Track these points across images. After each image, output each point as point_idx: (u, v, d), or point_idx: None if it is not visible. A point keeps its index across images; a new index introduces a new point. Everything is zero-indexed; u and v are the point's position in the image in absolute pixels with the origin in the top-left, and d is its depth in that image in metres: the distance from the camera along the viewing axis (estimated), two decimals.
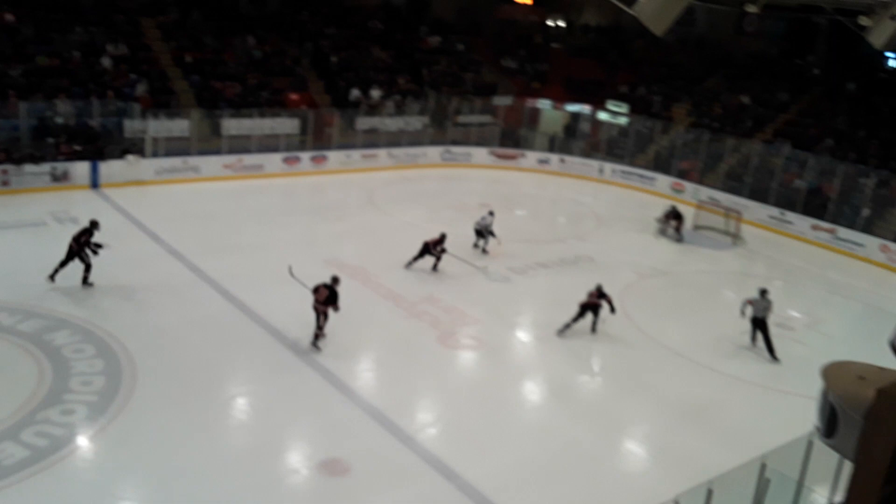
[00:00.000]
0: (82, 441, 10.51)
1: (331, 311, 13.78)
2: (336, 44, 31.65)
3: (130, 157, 22.44)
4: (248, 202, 22.55)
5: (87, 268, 15.41)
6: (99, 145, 22.51)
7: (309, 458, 10.71)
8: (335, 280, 13.91)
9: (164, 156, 23.78)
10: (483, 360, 14.47)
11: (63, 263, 15.29)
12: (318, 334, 13.82)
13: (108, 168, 22.30)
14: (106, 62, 24.94)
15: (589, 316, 15.46)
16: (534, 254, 20.11)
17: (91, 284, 15.42)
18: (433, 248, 18.25)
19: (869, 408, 2.02)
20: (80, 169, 21.96)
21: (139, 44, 26.77)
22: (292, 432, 11.51)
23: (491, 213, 20.13)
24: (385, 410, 11.92)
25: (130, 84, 24.59)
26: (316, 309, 13.79)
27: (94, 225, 15.71)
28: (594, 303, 15.42)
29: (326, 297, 13.75)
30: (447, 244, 18.28)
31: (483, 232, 19.96)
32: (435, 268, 18.33)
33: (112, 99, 23.61)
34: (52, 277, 15.26)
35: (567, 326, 15.31)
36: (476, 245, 20.10)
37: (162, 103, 24.77)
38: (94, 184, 22.08)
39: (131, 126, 23.40)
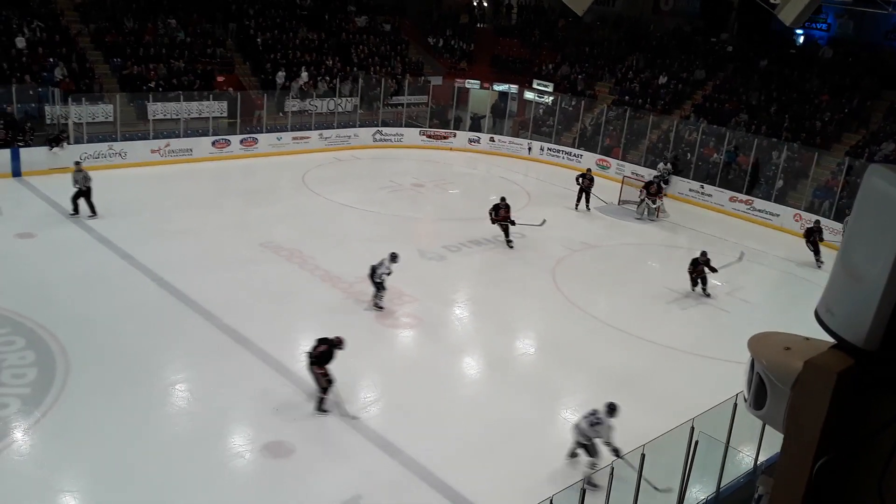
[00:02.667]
0: (18, 435, 10.34)
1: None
2: (261, 24, 31.10)
3: (57, 150, 21.74)
4: (179, 187, 22.15)
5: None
6: (24, 131, 21.71)
7: (252, 441, 10.76)
8: (503, 198, 19.63)
9: (87, 142, 23.07)
10: (422, 338, 14.73)
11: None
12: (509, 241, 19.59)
13: (30, 155, 21.54)
14: (20, 44, 23.97)
15: None
16: (467, 232, 20.40)
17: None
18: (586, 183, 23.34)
19: (796, 379, 2.03)
20: (1, 157, 21.12)
21: (56, 26, 25.80)
22: (234, 416, 11.53)
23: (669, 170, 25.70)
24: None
25: (49, 68, 23.72)
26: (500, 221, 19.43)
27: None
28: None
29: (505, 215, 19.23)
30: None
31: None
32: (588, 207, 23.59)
33: (30, 84, 22.73)
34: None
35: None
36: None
37: (83, 87, 23.97)
38: (16, 172, 21.30)
39: (52, 112, 22.60)
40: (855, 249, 2.06)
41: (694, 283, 17.48)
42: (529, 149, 31.04)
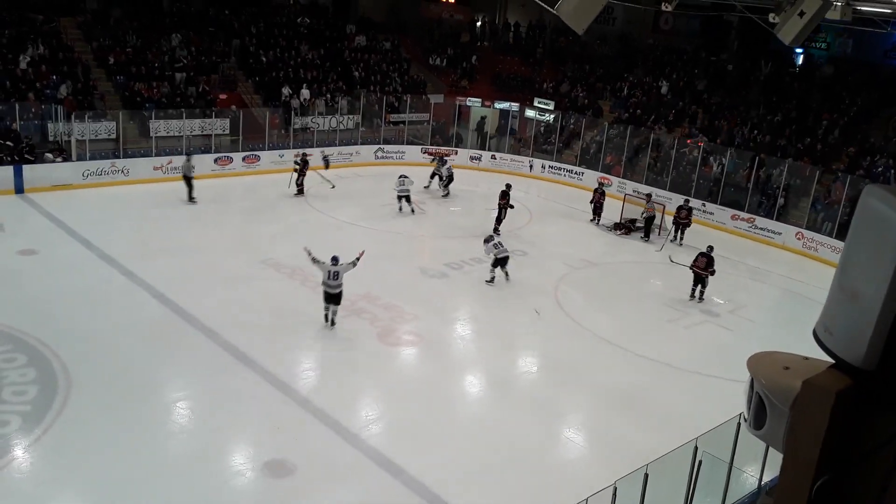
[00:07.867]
0: (18, 452, 10.33)
1: None
2: (263, 42, 31.30)
3: (49, 156, 21.82)
4: (181, 204, 22.19)
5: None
6: (26, 148, 21.80)
7: (253, 459, 10.73)
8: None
9: (90, 159, 23.16)
10: (423, 356, 14.70)
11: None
12: None
13: (33, 172, 21.61)
14: (23, 63, 24.14)
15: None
16: (469, 249, 20.40)
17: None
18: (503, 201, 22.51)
19: (795, 399, 2.00)
20: (3, 173, 21.18)
21: (60, 44, 25.98)
22: (235, 435, 11.50)
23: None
24: (328, 409, 12.02)
25: (52, 86, 23.87)
26: None
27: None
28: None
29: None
30: None
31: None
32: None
33: (34, 101, 22.86)
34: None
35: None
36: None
37: (86, 105, 24.11)
38: (19, 189, 21.35)
39: (55, 129, 22.71)
40: (852, 269, 2.06)
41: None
42: (531, 166, 31.12)
